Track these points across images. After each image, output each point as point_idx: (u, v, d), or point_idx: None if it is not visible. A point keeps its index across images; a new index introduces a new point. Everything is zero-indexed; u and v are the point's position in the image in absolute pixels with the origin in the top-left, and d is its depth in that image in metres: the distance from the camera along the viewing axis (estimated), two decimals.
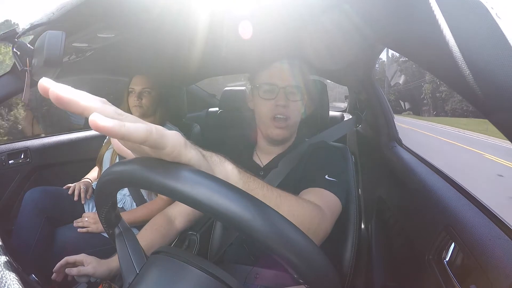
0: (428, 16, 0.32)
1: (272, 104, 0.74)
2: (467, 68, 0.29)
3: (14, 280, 0.21)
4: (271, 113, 0.74)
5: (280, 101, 0.73)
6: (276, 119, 0.74)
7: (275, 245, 0.25)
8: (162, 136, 0.25)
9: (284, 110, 0.74)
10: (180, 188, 0.25)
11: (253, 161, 0.83)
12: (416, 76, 32.18)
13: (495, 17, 0.27)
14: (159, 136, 0.24)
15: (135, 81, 1.17)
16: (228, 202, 0.25)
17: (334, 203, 0.61)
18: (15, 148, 1.31)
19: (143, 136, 0.23)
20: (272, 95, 0.74)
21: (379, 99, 1.11)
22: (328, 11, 0.62)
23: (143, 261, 0.41)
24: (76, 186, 1.15)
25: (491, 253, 0.45)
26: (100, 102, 0.23)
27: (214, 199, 0.25)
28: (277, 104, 0.73)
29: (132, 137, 0.22)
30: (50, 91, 0.22)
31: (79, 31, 0.69)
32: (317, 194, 0.61)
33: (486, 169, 7.17)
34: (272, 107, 0.74)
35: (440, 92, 29.83)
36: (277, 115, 0.74)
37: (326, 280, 0.29)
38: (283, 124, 0.75)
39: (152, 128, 0.24)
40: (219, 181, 0.26)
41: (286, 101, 0.74)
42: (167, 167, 0.27)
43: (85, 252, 0.68)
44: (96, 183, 1.21)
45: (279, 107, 0.73)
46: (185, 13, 0.64)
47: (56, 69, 0.59)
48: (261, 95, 0.76)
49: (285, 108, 0.74)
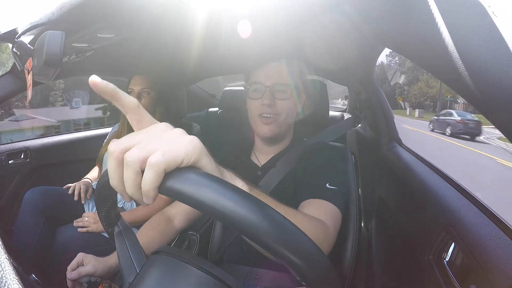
0: (427, 16, 0.32)
1: (259, 104, 0.74)
2: (466, 67, 0.29)
3: (14, 280, 0.21)
4: (258, 111, 0.74)
5: (265, 100, 0.73)
6: (262, 117, 0.74)
7: (278, 246, 0.25)
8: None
9: (270, 109, 0.73)
10: (185, 190, 0.25)
11: (251, 161, 0.83)
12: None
13: (492, 15, 0.27)
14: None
15: (134, 82, 1.17)
16: (233, 205, 0.25)
17: (336, 215, 0.62)
18: (15, 148, 1.31)
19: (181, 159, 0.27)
20: (258, 94, 0.74)
21: (379, 99, 1.11)
22: (328, 11, 0.62)
23: (143, 261, 0.41)
24: (76, 186, 1.15)
25: (491, 253, 0.45)
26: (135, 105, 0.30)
27: (220, 201, 0.25)
28: (263, 103, 0.73)
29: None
30: (99, 86, 0.27)
31: (79, 31, 0.69)
32: (319, 207, 0.62)
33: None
34: (258, 106, 0.74)
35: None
36: (263, 113, 0.74)
37: (326, 281, 0.29)
38: (269, 120, 0.74)
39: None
40: (226, 184, 0.26)
41: (272, 100, 0.73)
42: (180, 173, 0.27)
43: (85, 251, 0.68)
44: (96, 183, 1.22)
45: (264, 106, 0.73)
46: (185, 12, 0.64)
47: (56, 69, 0.59)
48: (249, 95, 0.76)
49: (271, 107, 0.73)
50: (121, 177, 0.27)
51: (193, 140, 0.28)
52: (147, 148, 0.26)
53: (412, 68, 28.86)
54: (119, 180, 0.27)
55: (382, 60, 32.19)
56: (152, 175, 0.25)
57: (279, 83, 0.74)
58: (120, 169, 0.27)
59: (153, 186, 0.25)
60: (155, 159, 0.25)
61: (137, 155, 0.26)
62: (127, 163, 0.26)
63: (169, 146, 0.26)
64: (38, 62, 0.59)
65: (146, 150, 0.26)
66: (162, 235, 0.72)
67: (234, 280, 0.34)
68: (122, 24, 0.70)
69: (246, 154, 0.86)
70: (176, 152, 0.26)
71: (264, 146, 0.83)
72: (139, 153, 0.26)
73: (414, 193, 0.77)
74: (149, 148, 0.26)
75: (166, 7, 0.61)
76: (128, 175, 0.26)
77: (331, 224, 0.58)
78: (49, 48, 0.55)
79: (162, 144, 0.27)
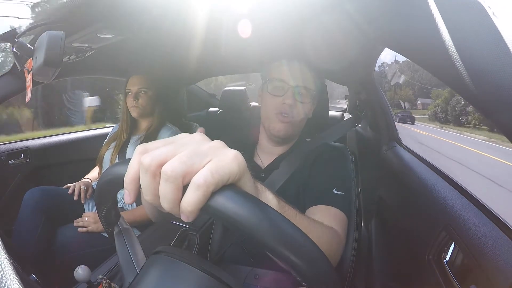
0: (428, 16, 0.32)
1: (280, 101, 0.73)
2: (466, 68, 0.29)
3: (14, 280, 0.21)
4: (276, 109, 0.74)
5: (288, 99, 0.72)
6: (280, 115, 0.74)
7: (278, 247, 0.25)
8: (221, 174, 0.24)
9: (290, 110, 0.73)
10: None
11: (254, 162, 0.82)
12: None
13: (492, 16, 0.27)
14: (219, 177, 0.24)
15: (131, 82, 1.18)
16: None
17: (344, 222, 0.63)
18: (15, 148, 1.31)
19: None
20: (281, 92, 0.74)
21: (379, 99, 1.11)
22: (329, 11, 0.62)
23: (143, 260, 0.41)
24: (76, 186, 1.15)
25: (491, 253, 0.45)
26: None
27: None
28: (284, 102, 0.73)
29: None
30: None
31: (79, 31, 0.69)
32: (329, 214, 0.62)
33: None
34: (279, 104, 0.74)
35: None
36: (282, 112, 0.73)
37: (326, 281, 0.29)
38: (287, 119, 0.74)
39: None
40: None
41: (294, 101, 0.73)
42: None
43: (85, 251, 0.68)
44: (96, 183, 1.22)
45: (285, 105, 0.73)
46: (185, 12, 0.64)
47: (56, 69, 0.59)
48: (269, 91, 0.75)
49: (291, 107, 0.73)
50: (157, 190, 0.24)
51: (237, 156, 0.26)
52: (191, 162, 0.24)
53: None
54: (154, 193, 0.24)
55: (382, 60, 33.26)
56: (198, 197, 0.23)
57: (303, 86, 0.74)
58: (156, 182, 0.24)
59: (197, 207, 0.23)
60: (204, 179, 0.23)
61: (180, 169, 0.23)
62: (168, 178, 0.23)
63: (216, 164, 0.24)
64: (38, 62, 0.59)
65: (190, 165, 0.23)
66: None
67: (234, 280, 0.34)
68: (122, 24, 0.70)
69: (248, 155, 0.85)
70: (224, 171, 0.24)
71: (269, 146, 0.82)
72: (181, 167, 0.23)
73: (414, 193, 0.77)
74: (193, 162, 0.24)
75: (166, 7, 0.61)
76: (167, 190, 0.23)
77: (341, 232, 0.59)
78: (49, 48, 0.55)
79: (207, 159, 0.24)
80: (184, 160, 0.24)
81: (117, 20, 0.67)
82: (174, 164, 0.23)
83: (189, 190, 0.23)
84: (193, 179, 0.23)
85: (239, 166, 0.26)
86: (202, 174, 0.23)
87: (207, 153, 0.25)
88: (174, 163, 0.23)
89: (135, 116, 1.18)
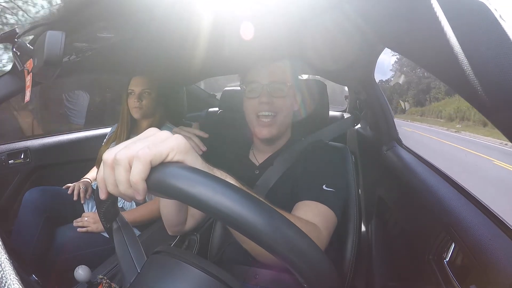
0: (428, 16, 0.32)
1: (256, 102, 0.73)
2: (467, 68, 0.29)
3: (14, 280, 0.21)
4: (255, 111, 0.74)
5: (263, 97, 0.72)
6: (261, 117, 0.73)
7: (278, 247, 0.25)
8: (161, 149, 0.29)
9: (268, 107, 0.72)
10: (181, 186, 0.26)
11: (249, 160, 0.84)
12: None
13: (499, 19, 0.27)
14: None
15: (134, 82, 1.17)
16: (230, 203, 0.25)
17: (330, 218, 0.61)
18: (15, 148, 1.31)
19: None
20: (255, 93, 0.74)
21: (379, 99, 1.11)
22: (329, 11, 0.62)
23: (142, 259, 0.41)
24: (76, 186, 1.15)
25: (491, 253, 0.45)
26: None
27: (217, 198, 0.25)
28: (261, 101, 0.72)
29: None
30: None
31: (79, 31, 0.69)
32: (313, 210, 0.60)
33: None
34: (256, 105, 0.73)
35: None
36: (260, 112, 0.73)
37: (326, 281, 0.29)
38: (268, 122, 0.73)
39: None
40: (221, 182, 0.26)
41: (270, 98, 0.72)
42: (167, 166, 0.28)
43: (85, 251, 0.68)
44: (95, 183, 1.21)
45: (262, 104, 0.72)
46: (185, 13, 0.64)
47: (56, 69, 0.59)
48: (246, 95, 0.76)
49: (269, 104, 0.72)
50: (115, 180, 0.29)
51: (177, 137, 0.31)
52: (134, 146, 0.29)
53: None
54: (113, 183, 0.29)
55: (382, 60, 33.16)
56: (139, 167, 0.27)
57: (276, 81, 0.73)
58: (113, 173, 0.29)
59: (140, 177, 0.27)
60: (141, 152, 0.28)
61: (125, 153, 0.28)
62: (117, 161, 0.28)
63: (153, 141, 0.29)
64: (38, 62, 0.59)
65: (133, 149, 0.28)
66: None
67: (234, 280, 0.34)
68: (122, 24, 0.70)
69: (244, 153, 0.86)
70: (162, 146, 0.29)
71: (262, 146, 0.83)
72: (127, 151, 0.28)
73: (414, 193, 0.77)
74: (136, 146, 0.29)
75: (166, 8, 0.61)
76: (118, 172, 0.28)
77: (323, 228, 0.57)
78: (49, 48, 0.55)
79: (148, 142, 0.29)
80: (128, 145, 0.29)
81: (117, 20, 0.67)
82: (122, 150, 0.29)
83: (132, 165, 0.28)
84: (134, 156, 0.28)
85: (178, 144, 0.30)
86: (140, 150, 0.28)
87: (149, 138, 0.30)
88: (122, 150, 0.29)
89: (137, 117, 1.17)
